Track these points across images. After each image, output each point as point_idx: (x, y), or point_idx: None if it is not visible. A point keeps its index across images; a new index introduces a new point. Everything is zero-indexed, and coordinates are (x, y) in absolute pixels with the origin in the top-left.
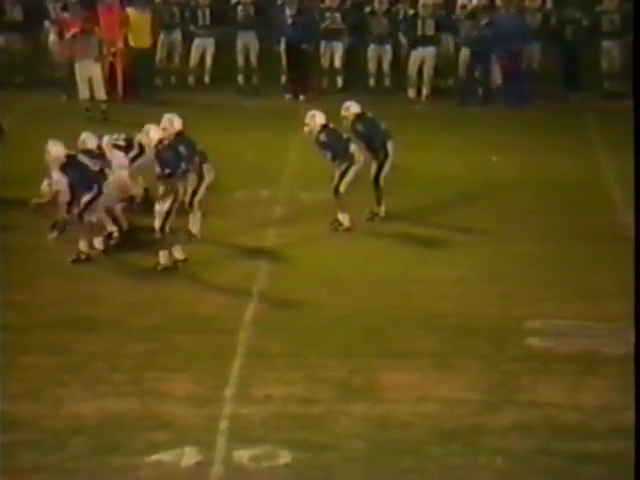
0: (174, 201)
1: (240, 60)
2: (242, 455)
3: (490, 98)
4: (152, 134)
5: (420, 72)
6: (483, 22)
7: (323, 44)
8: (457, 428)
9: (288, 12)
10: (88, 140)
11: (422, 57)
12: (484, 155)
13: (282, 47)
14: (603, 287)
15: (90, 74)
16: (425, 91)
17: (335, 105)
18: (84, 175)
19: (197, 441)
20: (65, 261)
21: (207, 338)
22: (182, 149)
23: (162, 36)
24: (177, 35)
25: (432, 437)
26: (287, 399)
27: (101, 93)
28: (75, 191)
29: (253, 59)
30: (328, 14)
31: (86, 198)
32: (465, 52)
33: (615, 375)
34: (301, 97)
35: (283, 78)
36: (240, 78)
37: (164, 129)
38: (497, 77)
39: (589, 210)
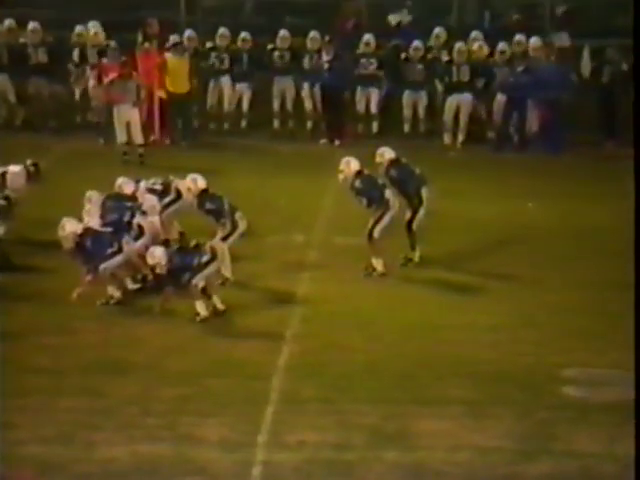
0: (210, 257)
1: (276, 105)
2: None
3: (526, 145)
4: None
5: (456, 118)
6: (519, 69)
7: (359, 90)
8: (491, 477)
9: (325, 57)
10: (125, 185)
11: (457, 103)
12: (520, 202)
13: (305, 91)
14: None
15: (128, 119)
16: (460, 137)
17: (370, 150)
18: (101, 243)
19: None
20: (100, 304)
21: (240, 383)
22: (209, 205)
23: (212, 83)
24: (227, 81)
25: None
26: (320, 445)
27: (138, 137)
28: (92, 260)
29: (289, 104)
30: (364, 60)
31: (103, 265)
32: (501, 98)
33: None
34: (336, 142)
35: (309, 124)
36: (276, 123)
37: (188, 189)
38: (533, 124)
39: (625, 259)
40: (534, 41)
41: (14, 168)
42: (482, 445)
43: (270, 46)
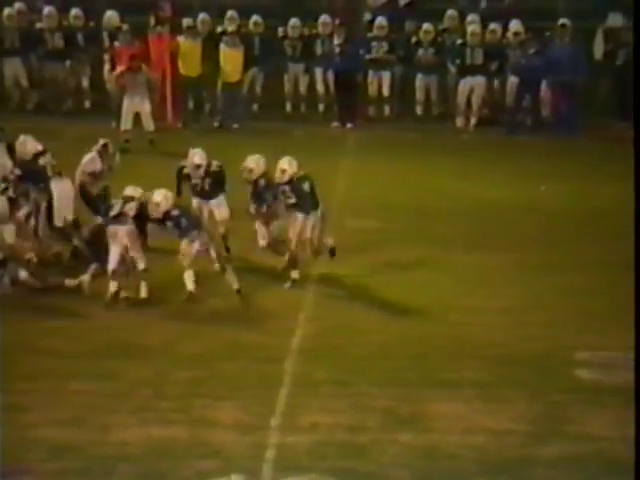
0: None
1: (288, 88)
2: None
3: (539, 127)
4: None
5: (469, 101)
6: (532, 51)
7: (371, 73)
8: (503, 460)
9: (336, 41)
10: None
11: (471, 86)
12: (532, 184)
13: (318, 76)
14: None
15: (138, 109)
16: (473, 120)
17: (382, 133)
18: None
19: (243, 469)
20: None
21: (253, 366)
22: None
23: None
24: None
25: (478, 468)
26: (333, 427)
27: (150, 125)
28: None
29: (302, 88)
30: (375, 43)
31: None
32: (513, 81)
33: None
34: (348, 125)
35: (321, 107)
36: (288, 106)
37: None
38: (546, 106)
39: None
40: (562, 21)
41: (88, 156)
42: (495, 428)
43: (281, 34)
